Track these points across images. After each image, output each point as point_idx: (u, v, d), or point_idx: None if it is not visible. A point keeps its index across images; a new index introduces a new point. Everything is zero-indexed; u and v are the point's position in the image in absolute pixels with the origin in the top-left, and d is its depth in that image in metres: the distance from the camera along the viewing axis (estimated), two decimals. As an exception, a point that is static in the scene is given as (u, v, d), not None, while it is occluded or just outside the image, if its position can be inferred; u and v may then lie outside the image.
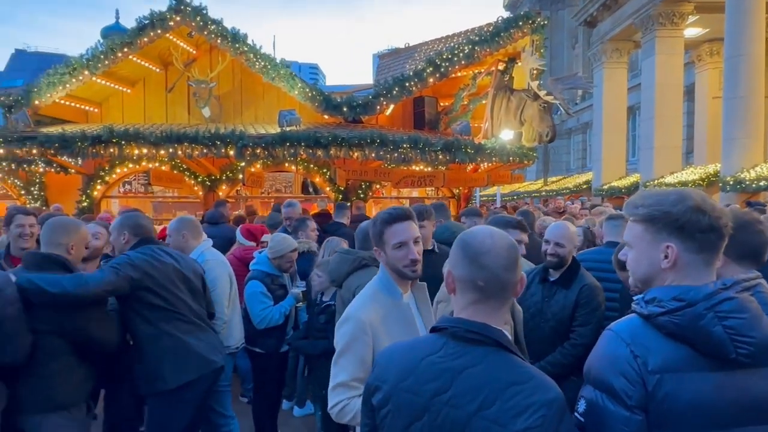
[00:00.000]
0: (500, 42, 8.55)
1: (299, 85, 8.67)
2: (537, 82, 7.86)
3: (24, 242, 3.82)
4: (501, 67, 9.28)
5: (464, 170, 9.93)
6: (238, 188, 10.30)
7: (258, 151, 7.41)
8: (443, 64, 8.54)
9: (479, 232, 1.37)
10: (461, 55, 8.58)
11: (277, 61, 8.70)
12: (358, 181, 9.29)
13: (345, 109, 8.52)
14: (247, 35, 8.61)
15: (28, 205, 9.35)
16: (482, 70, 9.63)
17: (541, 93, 7.68)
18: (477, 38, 8.61)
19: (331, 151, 7.42)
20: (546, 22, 9.32)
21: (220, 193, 9.75)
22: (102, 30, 28.01)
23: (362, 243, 3.45)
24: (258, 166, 9.24)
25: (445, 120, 10.12)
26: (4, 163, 9.96)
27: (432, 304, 2.42)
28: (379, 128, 8.79)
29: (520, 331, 2.70)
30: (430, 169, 9.31)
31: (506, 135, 9.04)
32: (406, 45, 11.43)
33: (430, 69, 8.53)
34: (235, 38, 8.54)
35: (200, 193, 9.82)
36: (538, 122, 8.15)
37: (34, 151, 7.48)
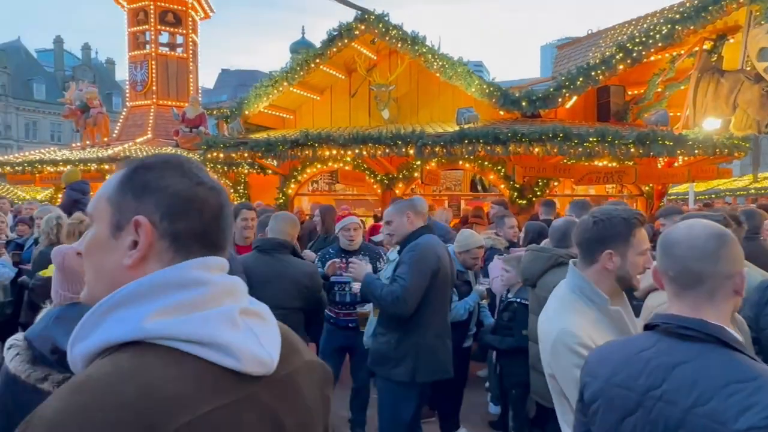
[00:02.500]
0: (708, 17, 7.48)
1: (476, 82, 8.64)
2: (765, 63, 6.66)
3: (248, 232, 4.41)
4: (707, 46, 8.12)
5: (657, 165, 8.93)
6: (413, 186, 10.65)
7: (437, 149, 7.56)
8: (636, 49, 7.75)
9: (681, 224, 1.33)
10: (657, 36, 7.70)
11: (455, 59, 8.77)
12: (536, 177, 8.94)
13: (524, 104, 8.23)
14: (426, 37, 8.85)
15: (235, 202, 10.81)
16: (682, 52, 8.53)
17: (769, 75, 6.50)
18: (678, 16, 7.65)
19: (510, 148, 7.24)
20: (769, -12, 7.90)
21: (397, 191, 10.18)
22: (290, 45, 31.21)
23: (558, 241, 3.29)
24: (433, 164, 9.45)
25: (634, 110, 9.21)
26: (218, 166, 11.73)
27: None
28: (560, 122, 8.34)
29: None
30: (615, 164, 8.57)
31: (710, 124, 7.88)
32: (589, 32, 10.66)
33: (621, 55, 7.81)
34: (415, 41, 8.83)
35: (378, 191, 10.38)
36: (756, 109, 6.95)
37: (246, 155, 8.63)
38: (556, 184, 9.62)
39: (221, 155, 8.88)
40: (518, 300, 3.77)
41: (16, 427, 0.66)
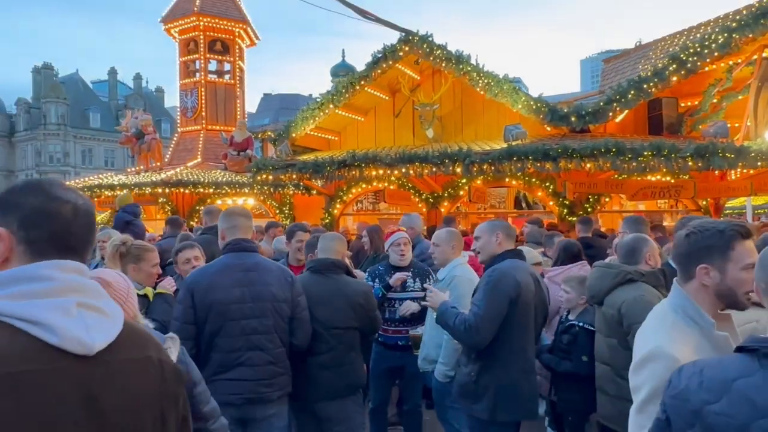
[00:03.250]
0: (767, 24, 7.19)
1: (523, 98, 8.56)
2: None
3: (301, 254, 4.43)
4: (767, 53, 7.80)
5: (715, 178, 8.57)
6: (458, 204, 10.59)
7: (485, 167, 7.49)
8: (690, 59, 7.52)
9: None
10: (713, 46, 7.44)
11: (500, 76, 8.73)
12: (586, 194, 8.72)
13: (573, 119, 8.08)
14: (470, 55, 8.87)
15: (282, 222, 10.98)
16: (740, 61, 8.22)
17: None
18: (734, 24, 7.39)
19: (561, 164, 7.09)
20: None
21: (442, 210, 10.14)
22: (331, 68, 31.91)
23: (626, 257, 3.17)
24: (479, 181, 9.37)
25: (689, 122, 8.90)
26: (265, 188, 11.99)
27: None
28: (610, 136, 8.15)
29: None
30: (669, 178, 8.27)
31: (773, 134, 7.53)
32: (637, 44, 10.43)
33: (674, 66, 7.58)
34: (459, 60, 8.86)
35: (424, 209, 10.36)
36: (825, 116, 6.59)
37: (294, 176, 8.79)
38: (607, 199, 9.36)
39: (270, 177, 9.08)
40: (580, 324, 3.62)
41: None
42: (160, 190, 12.32)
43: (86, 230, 1.08)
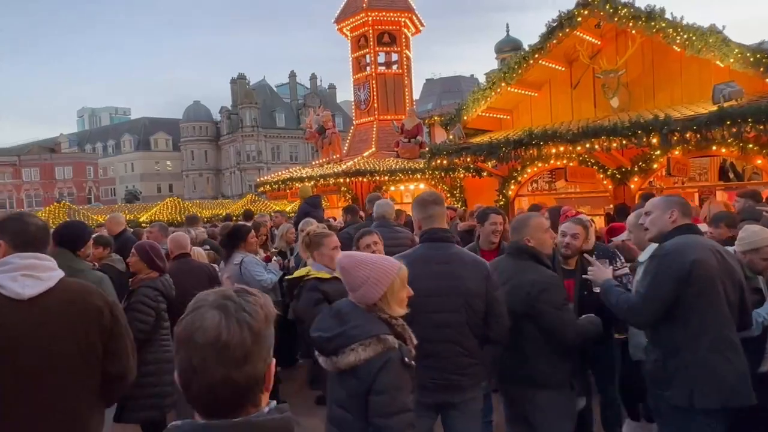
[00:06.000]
0: None
1: (735, 50, 7.23)
2: None
3: (494, 237, 4.33)
4: None
5: None
6: (651, 179, 9.49)
7: (687, 135, 6.55)
8: None
9: None
10: None
11: (704, 28, 7.48)
12: (828, 159, 7.12)
13: (809, 68, 6.62)
14: (664, 9, 7.77)
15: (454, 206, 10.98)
16: None
17: None
18: None
19: (793, 124, 5.87)
20: None
21: (632, 186, 9.18)
22: (495, 45, 31.01)
23: None
24: (676, 152, 8.25)
25: None
26: (436, 172, 12.12)
27: None
28: None
29: None
30: None
31: None
32: None
33: None
34: (650, 16, 7.82)
35: (609, 186, 9.50)
36: None
37: (468, 159, 8.72)
38: None
39: (445, 162, 9.13)
40: None
41: None
42: (341, 180, 13.28)
43: (42, 236, 2.11)
